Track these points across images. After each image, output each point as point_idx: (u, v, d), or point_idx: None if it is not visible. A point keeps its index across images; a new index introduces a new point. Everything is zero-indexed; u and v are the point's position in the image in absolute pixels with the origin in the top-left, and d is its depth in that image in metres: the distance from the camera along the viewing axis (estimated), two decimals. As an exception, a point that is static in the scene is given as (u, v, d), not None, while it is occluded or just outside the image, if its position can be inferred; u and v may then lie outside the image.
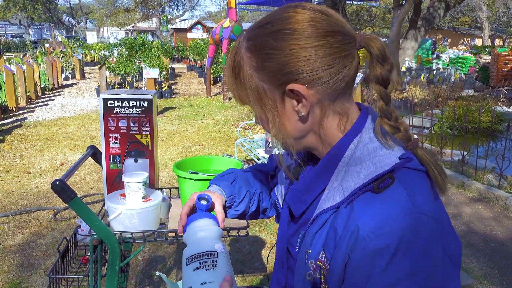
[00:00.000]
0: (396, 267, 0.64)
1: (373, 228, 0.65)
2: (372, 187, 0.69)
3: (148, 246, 3.45)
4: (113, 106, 1.69)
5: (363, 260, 0.66)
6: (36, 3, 37.98)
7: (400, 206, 0.66)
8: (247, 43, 0.76)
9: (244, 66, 0.75)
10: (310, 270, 0.75)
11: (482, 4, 28.94)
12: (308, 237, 0.76)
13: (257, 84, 0.75)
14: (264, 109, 0.76)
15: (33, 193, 4.72)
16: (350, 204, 0.70)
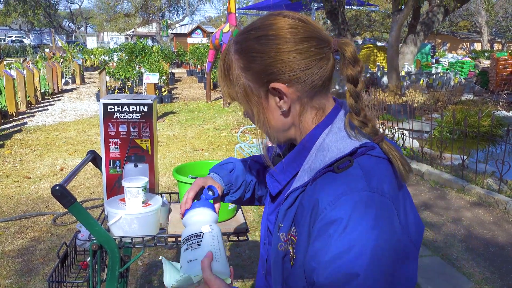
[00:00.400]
0: (348, 237, 0.72)
1: (329, 201, 0.76)
2: (333, 168, 0.80)
3: (147, 251, 3.44)
4: (113, 111, 1.70)
5: (321, 230, 0.75)
6: (37, 9, 38.08)
7: (354, 184, 0.76)
8: (235, 46, 0.86)
9: (233, 67, 0.86)
10: (281, 241, 0.86)
11: (481, 9, 29.04)
12: (281, 212, 0.86)
13: (244, 83, 0.85)
14: (250, 104, 0.87)
15: (32, 198, 4.71)
16: (314, 182, 0.82)
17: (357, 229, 0.72)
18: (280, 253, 0.86)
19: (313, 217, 0.78)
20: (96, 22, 40.81)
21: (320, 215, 0.76)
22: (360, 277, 0.71)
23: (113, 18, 31.60)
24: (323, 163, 0.82)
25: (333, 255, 0.73)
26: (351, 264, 0.72)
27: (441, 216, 4.20)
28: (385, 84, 11.09)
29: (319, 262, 0.74)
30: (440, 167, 5.37)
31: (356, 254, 0.71)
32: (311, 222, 0.78)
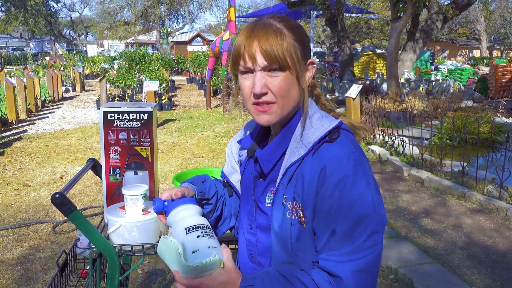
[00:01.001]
0: (357, 190, 0.94)
1: (335, 164, 0.95)
2: (328, 138, 0.99)
3: (147, 259, 3.43)
4: (113, 118, 1.70)
5: (334, 187, 0.94)
6: (37, 17, 38.28)
7: (349, 148, 0.98)
8: (281, 23, 1.00)
9: (285, 35, 0.98)
10: (288, 209, 1.00)
11: (479, 16, 29.17)
12: (283, 186, 1.01)
13: (295, 50, 0.99)
14: (291, 67, 0.98)
15: (32, 206, 4.70)
16: (316, 153, 0.99)
17: (361, 181, 0.95)
18: (288, 220, 1.00)
19: (321, 180, 0.96)
20: (96, 30, 41.00)
21: (330, 177, 0.95)
22: (370, 215, 0.94)
23: (113, 26, 31.73)
24: (316, 136, 1.00)
25: (349, 205, 0.93)
26: (363, 208, 0.93)
27: (441, 223, 4.19)
28: (384, 91, 11.12)
29: (337, 212, 0.94)
30: (440, 174, 5.37)
31: (365, 201, 0.94)
32: (319, 184, 0.96)
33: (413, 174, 5.52)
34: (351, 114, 6.74)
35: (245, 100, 1.03)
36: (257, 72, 0.98)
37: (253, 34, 0.98)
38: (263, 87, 0.98)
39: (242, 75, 1.02)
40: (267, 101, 0.99)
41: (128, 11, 30.60)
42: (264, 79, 0.98)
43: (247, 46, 0.98)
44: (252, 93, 0.99)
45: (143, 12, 29.29)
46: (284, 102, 1.00)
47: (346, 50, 13.91)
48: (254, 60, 0.97)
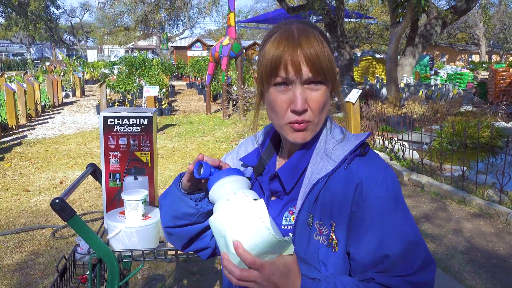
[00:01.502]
0: (400, 208, 0.89)
1: (373, 181, 0.88)
2: (359, 152, 0.92)
3: (147, 264, 3.41)
4: (113, 124, 1.70)
5: (374, 207, 0.87)
6: (38, 23, 38.40)
7: (383, 163, 0.93)
8: (318, 30, 0.91)
9: (325, 47, 0.88)
10: (316, 230, 0.90)
11: (478, 21, 29.27)
12: (309, 204, 0.90)
13: (333, 60, 0.89)
14: (334, 83, 0.91)
15: (32, 211, 4.69)
16: (348, 167, 0.91)
17: (401, 202, 0.90)
18: (316, 242, 0.89)
19: (357, 197, 0.88)
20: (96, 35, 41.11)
21: (369, 194, 0.88)
22: (420, 244, 0.88)
23: (113, 31, 31.82)
24: (346, 150, 0.92)
25: (396, 229, 0.87)
26: (412, 234, 0.88)
27: (441, 228, 4.18)
28: (384, 96, 11.13)
29: (384, 236, 0.87)
30: (440, 179, 5.36)
31: (411, 226, 0.89)
32: (355, 202, 0.88)
33: (413, 178, 5.51)
34: (351, 119, 6.74)
35: (277, 116, 0.90)
36: (296, 85, 0.86)
37: (296, 39, 0.86)
38: (304, 103, 0.87)
39: (277, 87, 0.88)
40: (306, 119, 0.88)
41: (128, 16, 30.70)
42: (304, 94, 0.87)
43: (290, 53, 0.85)
44: (291, 110, 0.88)
45: (143, 17, 29.39)
46: (320, 118, 0.91)
47: (345, 55, 13.94)
48: (298, 71, 0.85)
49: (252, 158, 1.05)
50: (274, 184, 0.97)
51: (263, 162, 1.02)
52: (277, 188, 0.97)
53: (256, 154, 1.05)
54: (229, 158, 1.13)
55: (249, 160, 1.05)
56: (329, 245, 0.89)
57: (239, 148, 1.13)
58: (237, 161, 1.11)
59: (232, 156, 1.13)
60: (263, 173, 1.02)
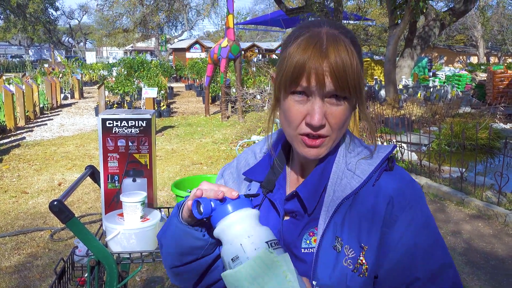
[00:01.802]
0: (431, 226, 0.85)
1: (404, 198, 0.83)
2: (387, 166, 0.86)
3: (146, 266, 3.41)
4: (111, 125, 1.70)
5: (406, 228, 0.82)
6: (36, 24, 38.39)
7: (409, 177, 0.87)
8: (348, 36, 0.82)
9: (353, 51, 0.80)
10: (345, 255, 0.81)
11: (476, 23, 29.35)
12: (335, 225, 0.83)
13: (360, 70, 0.81)
14: (359, 99, 0.84)
15: (30, 213, 4.68)
16: (377, 183, 0.84)
17: (431, 219, 0.86)
18: (345, 268, 0.81)
19: (388, 216, 0.82)
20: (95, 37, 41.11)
21: (401, 213, 0.82)
22: (451, 266, 0.85)
23: (112, 33, 31.81)
24: (372, 165, 0.85)
25: (427, 250, 0.83)
26: (443, 255, 0.85)
27: (440, 229, 4.18)
28: (383, 98, 11.15)
29: (415, 259, 0.82)
30: (439, 180, 5.37)
31: (440, 244, 0.85)
32: (386, 222, 0.82)
33: (411, 180, 5.51)
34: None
35: (290, 126, 0.83)
36: (316, 97, 0.79)
37: (324, 49, 0.78)
38: (322, 118, 0.79)
39: (294, 96, 0.81)
40: (323, 134, 0.81)
41: (126, 18, 30.71)
42: (323, 108, 0.80)
43: (315, 64, 0.77)
44: (306, 123, 0.80)
45: (141, 19, 29.41)
46: (338, 135, 0.84)
47: (344, 56, 13.95)
48: (321, 84, 0.77)
49: (258, 172, 0.95)
50: (291, 203, 0.88)
51: (272, 177, 0.93)
52: (295, 208, 0.88)
53: (263, 167, 0.95)
54: (227, 173, 1.03)
55: (256, 175, 0.94)
56: (355, 269, 0.81)
57: (238, 161, 1.03)
58: (237, 175, 1.00)
59: (231, 171, 1.02)
60: (274, 190, 0.92)
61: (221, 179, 1.03)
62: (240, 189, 0.97)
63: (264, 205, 0.92)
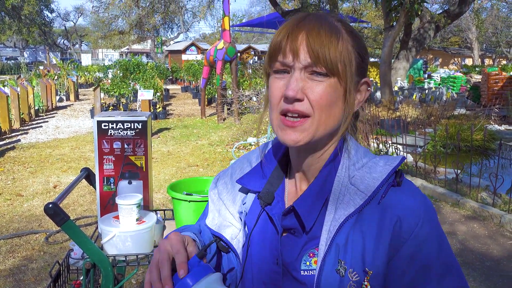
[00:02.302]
0: (444, 247, 0.76)
1: (413, 218, 0.74)
2: (394, 181, 0.77)
3: (142, 269, 3.40)
4: (107, 128, 1.70)
5: (416, 250, 0.74)
6: (31, 26, 38.28)
7: (420, 194, 0.78)
8: (344, 26, 0.79)
9: (344, 40, 0.77)
10: (350, 280, 0.74)
11: (471, 25, 29.55)
12: (337, 247, 0.75)
13: (353, 59, 0.77)
14: (343, 79, 0.76)
15: (25, 216, 4.66)
16: (382, 201, 0.76)
17: (444, 241, 0.77)
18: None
19: (396, 238, 0.74)
20: (91, 39, 41.08)
21: (410, 235, 0.74)
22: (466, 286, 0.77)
23: (108, 35, 31.79)
24: (377, 179, 0.77)
25: (440, 273, 0.75)
26: (457, 280, 0.76)
27: (436, 231, 4.20)
28: (378, 99, 11.19)
29: (426, 281, 0.74)
30: (434, 181, 5.39)
31: (455, 265, 0.77)
32: (393, 244, 0.74)
33: (407, 181, 5.53)
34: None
35: (272, 107, 0.78)
36: (295, 70, 0.75)
37: (302, 24, 0.75)
38: (298, 91, 0.74)
39: (276, 74, 0.77)
40: (300, 111, 0.74)
41: (122, 20, 30.69)
42: (302, 82, 0.74)
43: (290, 37, 0.74)
44: (283, 96, 0.75)
45: (137, 21, 29.39)
46: (322, 118, 0.75)
47: (339, 58, 14.01)
48: (296, 55, 0.74)
49: (254, 182, 0.87)
50: (289, 219, 0.81)
51: (271, 189, 0.86)
52: (293, 224, 0.80)
53: (259, 176, 0.88)
54: (221, 183, 0.95)
55: (251, 184, 0.87)
56: None
57: (233, 170, 0.95)
58: (232, 186, 0.93)
59: (226, 181, 0.95)
60: (273, 203, 0.84)
61: (215, 189, 0.96)
62: (235, 202, 0.91)
63: (262, 219, 0.85)
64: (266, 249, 0.84)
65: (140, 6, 28.70)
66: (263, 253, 0.84)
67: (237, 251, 0.88)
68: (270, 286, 0.82)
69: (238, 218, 0.90)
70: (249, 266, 0.86)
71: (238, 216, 0.90)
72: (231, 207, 0.91)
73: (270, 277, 0.82)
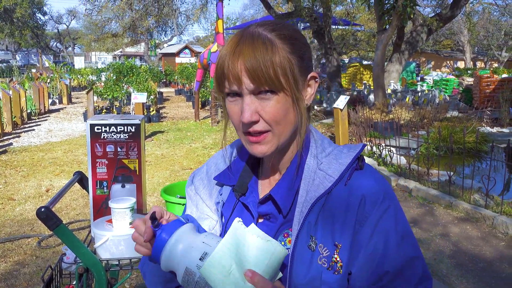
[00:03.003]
0: (401, 220, 0.86)
1: (375, 196, 0.84)
2: (357, 165, 0.87)
3: (135, 273, 3.38)
4: (100, 131, 1.69)
5: (376, 224, 0.83)
6: (24, 29, 38.05)
7: (381, 176, 0.89)
8: (272, 33, 0.83)
9: (278, 49, 0.81)
10: (320, 254, 0.83)
11: (463, 28, 29.80)
12: (309, 225, 0.84)
13: (291, 65, 0.82)
14: (286, 86, 0.81)
15: (17, 220, 4.62)
16: (348, 182, 0.85)
17: (402, 215, 0.87)
18: (320, 267, 0.83)
19: (361, 214, 0.83)
20: (84, 42, 40.87)
21: (372, 210, 0.84)
22: (419, 257, 0.86)
23: (101, 38, 31.65)
24: (343, 164, 0.86)
25: (397, 244, 0.84)
26: (411, 248, 0.86)
27: (429, 232, 4.22)
28: (371, 102, 11.24)
29: (386, 252, 0.83)
30: (427, 184, 5.42)
31: (410, 237, 0.87)
32: (358, 220, 0.83)
33: (401, 184, 5.56)
34: (339, 125, 6.79)
35: (236, 128, 0.87)
36: (245, 96, 0.81)
37: (237, 49, 0.80)
38: (252, 114, 0.81)
39: (229, 98, 0.84)
40: (259, 130, 0.82)
41: (115, 23, 30.60)
42: (253, 105, 0.81)
43: (230, 65, 0.80)
44: (241, 122, 0.83)
45: (131, 24, 29.32)
46: (280, 129, 0.83)
47: (333, 61, 14.06)
48: (240, 83, 0.80)
49: (229, 176, 0.96)
50: (266, 206, 0.90)
51: (245, 181, 0.94)
52: (269, 210, 0.89)
53: (234, 171, 0.96)
54: (197, 179, 1.03)
55: (227, 179, 0.95)
56: (330, 267, 0.82)
57: (208, 167, 1.03)
58: (208, 181, 1.00)
59: (202, 177, 1.02)
60: (247, 193, 0.93)
61: (191, 185, 1.02)
62: (211, 195, 0.98)
63: (237, 209, 0.94)
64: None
65: (134, 9, 28.64)
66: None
67: None
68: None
69: (214, 211, 0.97)
70: None
71: (214, 209, 0.97)
72: (207, 201, 0.98)
73: None
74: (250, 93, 0.81)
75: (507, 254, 3.73)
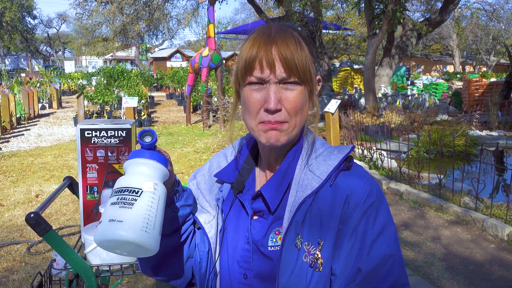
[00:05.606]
0: (381, 217, 0.87)
1: (360, 195, 0.86)
2: (344, 166, 0.90)
3: (126, 278, 3.35)
4: (90, 136, 1.68)
5: (358, 222, 0.85)
6: (13, 33, 37.75)
7: (368, 176, 0.90)
8: (296, 32, 0.89)
9: (303, 46, 0.87)
10: (305, 251, 0.87)
11: (452, 33, 30.15)
12: (296, 224, 0.87)
13: (311, 63, 0.87)
14: (308, 82, 0.87)
15: (6, 226, 4.56)
16: (334, 183, 0.88)
17: (387, 212, 0.89)
18: (305, 264, 0.86)
19: (345, 213, 0.86)
20: (74, 46, 40.67)
21: (355, 209, 0.86)
22: (394, 256, 0.86)
23: (91, 42, 31.50)
24: (330, 165, 0.89)
25: (373, 240, 0.86)
26: (387, 245, 0.87)
27: (420, 235, 4.24)
28: (362, 106, 11.31)
29: (362, 248, 0.85)
30: (418, 187, 5.45)
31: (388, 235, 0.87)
32: (342, 218, 0.86)
33: (392, 187, 5.59)
34: (330, 129, 6.81)
35: (249, 116, 0.88)
36: (271, 84, 0.84)
37: (272, 38, 0.85)
38: (277, 103, 0.84)
39: (251, 86, 0.86)
40: (279, 121, 0.85)
41: (106, 27, 30.47)
42: (279, 94, 0.85)
43: (264, 52, 0.84)
44: (264, 109, 0.85)
45: (121, 28, 29.22)
46: (296, 121, 0.87)
47: (324, 65, 14.14)
48: (272, 69, 0.83)
49: (228, 174, 0.99)
50: (257, 203, 0.93)
51: (242, 178, 0.98)
52: (261, 207, 0.93)
53: (233, 169, 1.00)
54: (200, 175, 1.08)
55: (226, 176, 0.99)
56: (312, 264, 0.86)
57: (210, 164, 1.07)
58: (209, 177, 1.05)
59: (204, 173, 1.07)
60: (244, 191, 0.97)
61: (194, 180, 1.08)
62: (211, 190, 1.03)
63: (235, 205, 0.98)
64: (239, 231, 0.96)
65: (125, 13, 28.56)
66: (237, 235, 0.96)
67: (207, 234, 0.99)
68: (242, 263, 0.94)
69: (214, 206, 1.01)
70: (225, 247, 0.97)
71: (214, 204, 1.01)
72: (207, 196, 1.03)
73: (242, 255, 0.94)
74: (277, 82, 0.85)
75: (497, 257, 3.76)
